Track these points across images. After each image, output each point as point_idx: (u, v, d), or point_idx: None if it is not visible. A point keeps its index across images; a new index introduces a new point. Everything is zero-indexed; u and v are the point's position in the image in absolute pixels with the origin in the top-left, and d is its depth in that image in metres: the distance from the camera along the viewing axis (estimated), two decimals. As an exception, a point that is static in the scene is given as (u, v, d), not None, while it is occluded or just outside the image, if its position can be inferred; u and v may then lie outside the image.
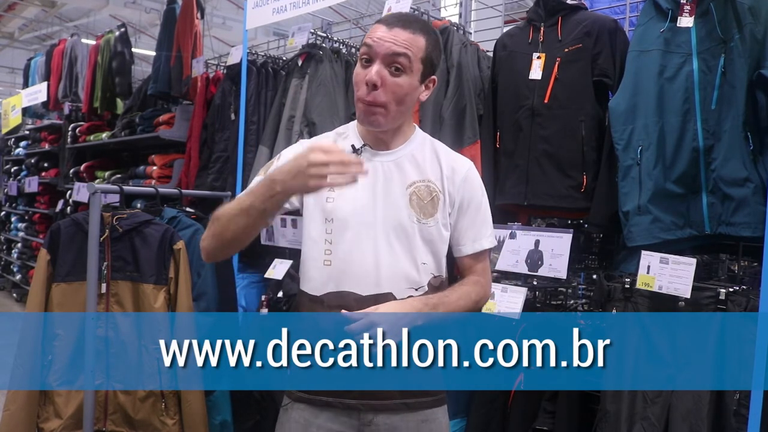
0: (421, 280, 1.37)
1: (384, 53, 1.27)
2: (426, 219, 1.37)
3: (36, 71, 6.42)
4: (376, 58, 1.28)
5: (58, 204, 5.62)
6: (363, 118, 1.33)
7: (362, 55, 1.30)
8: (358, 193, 1.34)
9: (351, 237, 1.34)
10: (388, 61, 1.28)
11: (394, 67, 1.28)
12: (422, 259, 1.37)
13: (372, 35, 1.29)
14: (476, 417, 2.13)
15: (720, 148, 1.79)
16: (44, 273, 2.14)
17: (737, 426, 1.63)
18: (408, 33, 1.28)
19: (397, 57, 1.27)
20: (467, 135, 2.32)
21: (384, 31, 1.28)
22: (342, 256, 1.34)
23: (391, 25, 1.29)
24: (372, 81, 1.26)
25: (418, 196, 1.37)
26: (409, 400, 1.37)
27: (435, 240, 1.39)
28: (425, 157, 1.41)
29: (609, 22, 2.10)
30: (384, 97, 1.28)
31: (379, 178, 1.37)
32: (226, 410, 2.32)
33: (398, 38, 1.28)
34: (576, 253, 2.28)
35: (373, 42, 1.28)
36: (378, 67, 1.27)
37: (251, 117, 3.04)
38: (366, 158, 1.37)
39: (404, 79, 1.29)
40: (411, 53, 1.28)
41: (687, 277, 1.73)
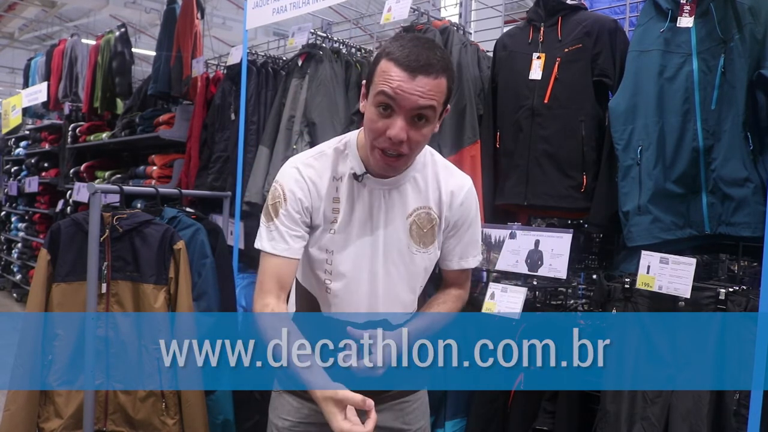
0: (415, 303, 1.42)
1: (410, 107, 1.18)
2: (425, 248, 1.38)
3: (36, 71, 6.42)
4: (400, 111, 1.18)
5: (58, 204, 5.63)
6: (381, 167, 1.27)
7: (380, 103, 1.19)
8: (358, 226, 1.34)
9: (350, 268, 1.35)
10: (412, 115, 1.19)
11: (417, 118, 1.20)
12: (420, 284, 1.41)
13: (390, 82, 1.17)
14: (476, 417, 2.13)
15: (720, 148, 1.79)
16: (44, 273, 2.14)
17: (737, 426, 1.63)
18: (431, 80, 1.17)
19: (423, 110, 1.19)
20: (467, 135, 2.33)
21: (406, 80, 1.16)
22: (340, 287, 1.35)
23: (414, 72, 1.16)
24: (399, 139, 1.19)
25: (418, 225, 1.36)
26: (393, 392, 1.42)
27: (431, 266, 1.42)
28: (427, 180, 1.38)
29: (609, 22, 2.10)
30: (407, 150, 1.22)
31: (381, 206, 1.34)
32: (228, 410, 2.33)
33: (424, 90, 1.17)
34: (576, 253, 2.28)
35: (395, 94, 1.16)
36: (402, 123, 1.18)
37: (251, 117, 3.04)
38: (367, 185, 1.34)
39: (428, 128, 1.23)
40: (436, 103, 1.20)
41: (687, 277, 1.73)
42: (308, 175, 1.33)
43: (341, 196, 1.33)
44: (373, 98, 1.21)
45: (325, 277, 1.36)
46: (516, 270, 2.12)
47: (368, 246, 1.34)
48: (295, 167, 1.35)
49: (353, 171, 1.33)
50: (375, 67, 1.23)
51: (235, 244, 2.96)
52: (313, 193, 1.33)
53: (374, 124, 1.21)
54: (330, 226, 1.33)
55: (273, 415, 1.45)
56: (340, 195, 1.33)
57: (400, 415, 1.44)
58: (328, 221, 1.33)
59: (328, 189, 1.33)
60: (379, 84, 1.19)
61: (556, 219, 2.49)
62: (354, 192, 1.33)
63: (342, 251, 1.34)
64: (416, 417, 1.47)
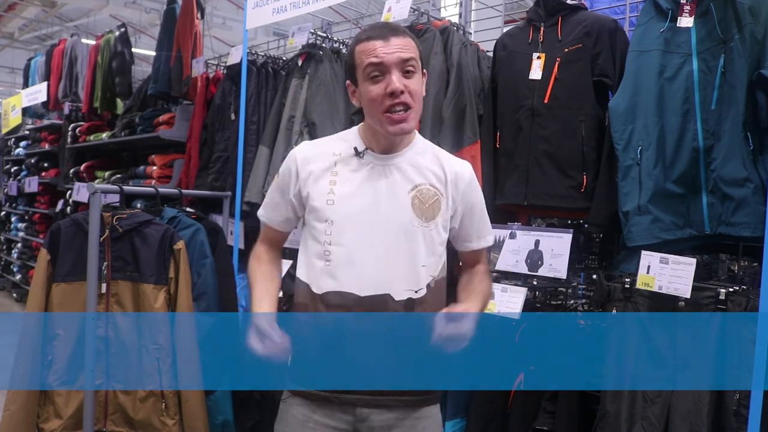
0: (420, 282, 1.39)
1: (396, 62, 1.33)
2: (427, 222, 1.40)
3: (36, 71, 6.42)
4: (389, 69, 1.33)
5: (58, 204, 5.63)
6: (394, 128, 1.36)
7: (370, 74, 1.34)
8: (358, 196, 1.38)
9: (350, 238, 1.37)
10: (401, 68, 1.34)
11: (406, 71, 1.34)
12: (423, 262, 1.39)
13: (373, 52, 1.33)
14: (476, 417, 2.13)
15: (720, 148, 1.79)
16: (44, 273, 2.14)
17: (737, 426, 1.63)
18: (402, 38, 1.35)
19: (408, 62, 1.34)
20: (467, 135, 2.32)
21: (383, 45, 1.33)
22: (341, 258, 1.37)
23: (385, 36, 1.34)
24: (398, 89, 1.32)
25: (420, 199, 1.40)
26: (404, 398, 1.39)
27: (435, 243, 1.41)
28: (428, 160, 1.45)
29: (609, 22, 2.10)
30: (410, 100, 1.34)
31: (382, 180, 1.39)
32: (227, 410, 2.32)
33: (400, 45, 1.34)
34: (576, 253, 2.28)
35: (379, 57, 1.33)
36: (396, 75, 1.33)
37: (251, 117, 3.04)
38: (369, 161, 1.41)
39: (417, 78, 1.37)
40: (415, 55, 1.36)
41: (687, 277, 1.73)
42: (304, 155, 1.45)
43: (339, 169, 1.41)
44: (363, 75, 1.35)
45: (325, 248, 1.38)
46: (516, 270, 2.12)
47: (369, 217, 1.37)
48: (296, 149, 1.49)
49: (354, 147, 1.42)
50: (352, 59, 1.39)
51: (235, 244, 2.95)
52: (303, 172, 1.43)
53: (373, 93, 1.34)
54: (328, 197, 1.39)
55: (279, 427, 1.46)
56: (338, 169, 1.42)
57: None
58: (325, 192, 1.40)
59: (326, 164, 1.42)
60: (364, 60, 1.35)
61: (556, 219, 2.49)
62: (354, 166, 1.41)
63: (341, 221, 1.38)
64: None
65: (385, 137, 1.39)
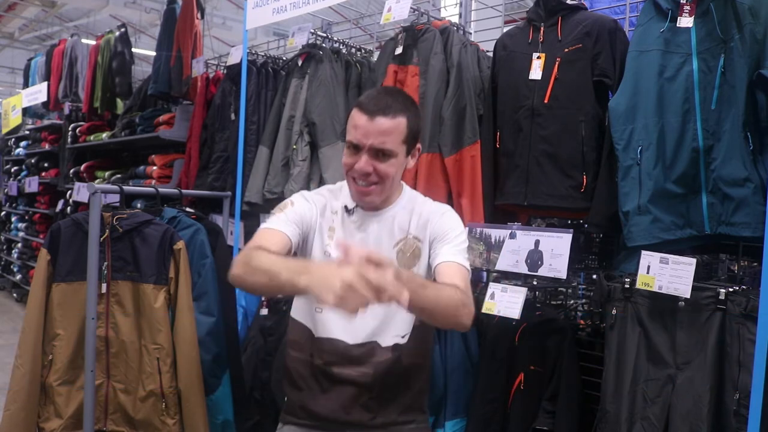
0: (405, 327, 1.48)
1: (369, 146, 1.38)
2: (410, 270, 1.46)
3: (36, 71, 6.42)
4: (363, 149, 1.39)
5: (58, 204, 5.63)
6: (358, 199, 1.46)
7: (349, 145, 1.42)
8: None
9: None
10: (374, 152, 1.39)
11: (381, 154, 1.39)
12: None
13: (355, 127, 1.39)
14: (476, 417, 2.13)
15: (720, 148, 1.79)
16: (44, 273, 2.14)
17: (737, 426, 1.63)
18: (389, 120, 1.37)
19: (382, 147, 1.38)
20: (467, 135, 2.33)
21: (366, 123, 1.37)
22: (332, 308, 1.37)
23: (372, 114, 1.37)
24: (364, 171, 1.38)
25: (403, 251, 1.49)
26: (392, 428, 1.48)
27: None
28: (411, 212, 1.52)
29: (609, 22, 2.10)
30: (376, 179, 1.40)
31: (370, 236, 1.49)
32: (227, 410, 2.32)
33: (381, 128, 1.37)
34: (576, 253, 2.28)
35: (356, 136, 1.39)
36: (366, 158, 1.38)
37: (251, 117, 3.04)
38: (358, 218, 1.50)
39: (392, 162, 1.41)
40: (393, 142, 1.39)
41: (687, 277, 1.73)
42: (314, 199, 1.53)
43: (336, 226, 1.49)
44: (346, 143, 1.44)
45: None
46: (516, 270, 2.12)
47: None
48: (301, 194, 1.55)
49: (345, 205, 1.50)
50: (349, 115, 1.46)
51: (235, 244, 2.95)
52: (314, 213, 1.49)
53: (346, 161, 1.42)
54: (325, 249, 1.48)
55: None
56: (335, 225, 1.50)
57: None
58: (324, 244, 1.48)
59: (327, 219, 1.50)
60: (349, 131, 1.43)
61: (556, 219, 2.49)
62: (346, 223, 1.49)
63: None
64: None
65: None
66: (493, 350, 2.15)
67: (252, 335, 2.67)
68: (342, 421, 1.45)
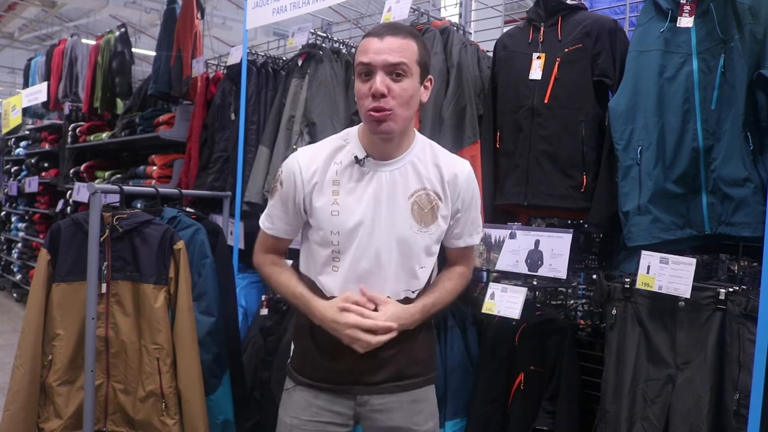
0: (419, 282, 1.47)
1: (383, 63, 1.32)
2: (426, 227, 1.45)
3: (36, 71, 6.42)
4: (376, 69, 1.32)
5: (58, 204, 5.63)
6: (374, 128, 1.37)
7: (360, 72, 1.35)
8: (362, 207, 1.42)
9: (356, 248, 1.42)
10: (389, 70, 1.33)
11: (395, 74, 1.33)
12: (421, 264, 1.46)
13: (365, 51, 1.34)
14: (476, 417, 2.13)
15: (720, 148, 1.79)
16: (44, 273, 2.13)
17: (737, 426, 1.63)
18: (399, 39, 1.33)
19: (397, 65, 1.33)
20: (467, 135, 2.32)
21: (377, 43, 1.33)
22: (348, 265, 1.43)
23: (381, 35, 1.33)
24: (379, 91, 1.31)
25: (419, 205, 1.44)
26: (401, 382, 1.47)
27: (432, 245, 1.48)
28: (427, 163, 1.47)
29: (609, 22, 2.10)
30: (392, 103, 1.33)
31: (383, 188, 1.42)
32: (228, 410, 2.32)
33: (392, 46, 1.32)
34: (576, 253, 2.28)
35: (369, 57, 1.33)
36: (381, 77, 1.32)
37: (251, 117, 3.04)
38: (370, 168, 1.43)
39: (407, 82, 1.35)
40: (407, 58, 1.34)
41: (687, 277, 1.73)
42: (306, 163, 1.45)
43: (341, 179, 1.43)
44: (356, 72, 1.37)
45: (334, 256, 1.43)
46: (516, 270, 2.12)
47: (371, 226, 1.41)
48: (296, 155, 1.48)
49: (354, 155, 1.43)
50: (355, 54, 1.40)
51: (235, 244, 2.95)
52: (307, 180, 1.43)
53: (360, 92, 1.36)
54: (332, 208, 1.42)
55: (283, 413, 1.53)
56: (340, 178, 1.43)
57: (409, 414, 1.49)
58: (329, 203, 1.42)
59: (327, 173, 1.43)
60: (357, 58, 1.36)
61: (556, 219, 2.49)
62: (355, 175, 1.43)
63: (346, 232, 1.41)
64: (424, 418, 1.52)
65: (382, 141, 1.41)
66: (493, 350, 2.15)
67: (252, 335, 2.67)
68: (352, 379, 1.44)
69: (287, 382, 1.55)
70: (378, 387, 1.45)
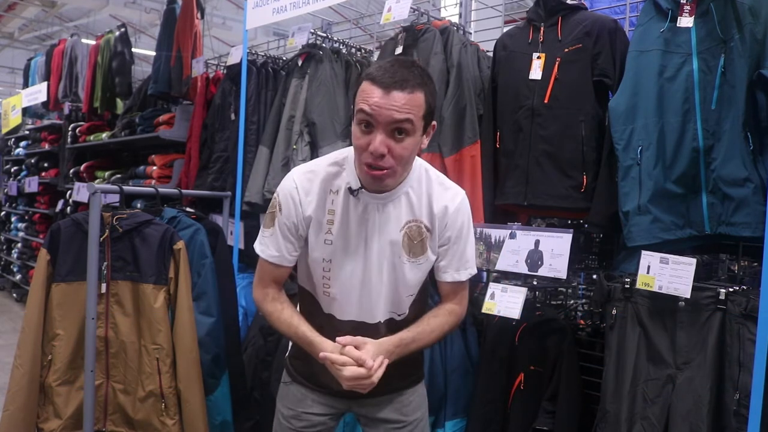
0: (404, 307, 1.50)
1: (385, 122, 1.24)
2: (415, 258, 1.45)
3: (36, 71, 6.42)
4: (378, 126, 1.25)
5: (58, 204, 5.63)
6: (370, 183, 1.34)
7: (360, 121, 1.27)
8: (354, 236, 1.43)
9: (346, 277, 1.44)
10: (391, 129, 1.25)
11: (397, 132, 1.26)
12: (410, 292, 1.49)
13: (368, 100, 1.24)
14: (476, 417, 2.13)
15: (720, 148, 1.79)
16: (44, 273, 2.14)
17: (737, 426, 1.63)
18: (406, 94, 1.24)
19: (401, 123, 1.25)
20: (467, 135, 2.32)
21: (381, 96, 1.23)
22: (339, 292, 1.46)
23: (387, 88, 1.23)
24: (378, 152, 1.25)
25: (409, 236, 1.43)
26: (393, 384, 1.51)
27: (422, 273, 1.49)
28: (420, 194, 1.44)
29: (609, 22, 2.10)
30: (391, 162, 1.28)
31: (375, 219, 1.42)
32: (226, 410, 2.32)
33: (399, 104, 1.23)
34: (576, 253, 2.28)
35: (372, 111, 1.24)
36: (381, 137, 1.25)
37: (251, 117, 3.04)
38: (363, 200, 1.41)
39: (408, 141, 1.28)
40: (413, 116, 1.25)
41: (687, 277, 1.73)
42: (304, 187, 1.42)
43: (336, 208, 1.41)
44: (356, 117, 1.28)
45: (324, 282, 1.46)
46: (516, 270, 2.12)
47: (362, 255, 1.43)
48: (293, 179, 1.43)
49: (349, 186, 1.40)
50: (357, 89, 1.30)
51: (235, 244, 2.95)
52: (305, 206, 1.42)
53: (358, 141, 1.29)
54: (326, 237, 1.43)
55: (280, 404, 1.60)
56: (336, 207, 1.42)
57: (398, 407, 1.55)
58: (323, 231, 1.42)
59: (324, 201, 1.42)
60: (359, 103, 1.27)
61: (556, 219, 2.49)
62: (349, 205, 1.41)
63: (339, 260, 1.43)
64: (413, 409, 1.57)
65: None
66: (493, 350, 2.15)
67: (252, 335, 2.67)
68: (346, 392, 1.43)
69: (284, 376, 1.61)
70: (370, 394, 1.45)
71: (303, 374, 1.56)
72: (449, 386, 2.20)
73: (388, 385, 1.45)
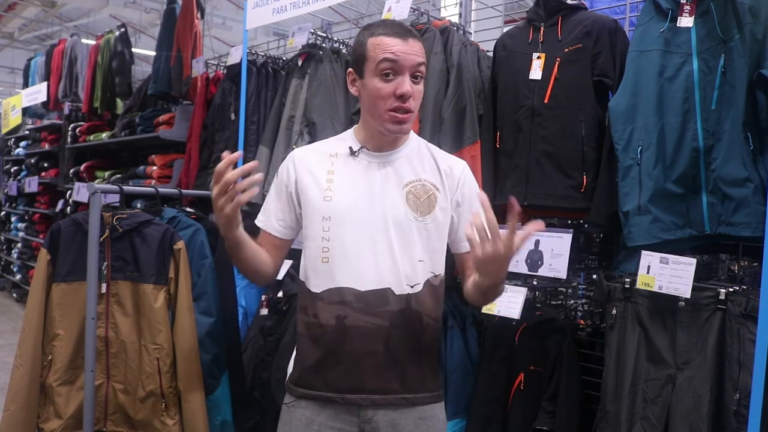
0: (417, 277, 1.40)
1: (411, 65, 1.35)
2: (423, 217, 1.41)
3: (36, 71, 6.42)
4: (404, 71, 1.35)
5: (58, 204, 5.63)
6: (394, 128, 1.39)
7: (384, 70, 1.35)
8: (354, 192, 1.41)
9: (348, 234, 1.39)
10: (412, 72, 1.36)
11: (415, 76, 1.37)
12: (419, 257, 1.41)
13: (390, 49, 1.35)
14: (476, 417, 2.13)
15: (720, 148, 1.79)
16: (44, 273, 2.13)
17: (737, 426, 1.63)
18: (418, 41, 1.38)
19: (419, 67, 1.37)
20: (467, 135, 2.32)
21: (401, 44, 1.35)
22: (339, 253, 1.39)
23: (404, 36, 1.36)
24: (408, 94, 1.35)
25: (415, 194, 1.42)
26: (408, 395, 1.40)
27: (432, 238, 1.42)
28: (422, 157, 1.47)
29: (609, 22, 2.10)
30: (413, 104, 1.38)
31: (376, 178, 1.42)
32: (226, 410, 2.32)
33: (416, 49, 1.37)
34: (576, 253, 2.28)
35: (397, 57, 1.34)
36: (408, 80, 1.35)
37: (251, 117, 3.04)
38: (364, 159, 1.44)
39: (422, 84, 1.41)
40: (425, 60, 1.39)
41: (687, 277, 1.73)
42: (301, 155, 1.49)
43: (336, 168, 1.44)
44: (376, 69, 1.36)
45: (323, 245, 1.40)
46: (516, 270, 2.12)
47: (365, 214, 1.40)
48: (293, 151, 1.52)
49: (350, 146, 1.45)
50: (363, 49, 1.38)
51: (235, 244, 2.95)
52: (300, 168, 1.46)
53: (381, 91, 1.36)
54: (325, 194, 1.42)
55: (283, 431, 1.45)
56: (335, 168, 1.44)
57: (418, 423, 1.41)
58: (322, 189, 1.42)
59: (323, 163, 1.46)
60: (378, 55, 1.35)
61: (556, 219, 2.49)
62: (350, 165, 1.44)
63: (338, 217, 1.40)
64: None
65: (381, 135, 1.42)
66: (493, 350, 2.15)
67: (252, 335, 2.67)
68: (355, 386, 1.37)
69: (287, 397, 1.47)
70: (383, 398, 1.37)
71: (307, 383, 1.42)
72: (449, 386, 2.20)
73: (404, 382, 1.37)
